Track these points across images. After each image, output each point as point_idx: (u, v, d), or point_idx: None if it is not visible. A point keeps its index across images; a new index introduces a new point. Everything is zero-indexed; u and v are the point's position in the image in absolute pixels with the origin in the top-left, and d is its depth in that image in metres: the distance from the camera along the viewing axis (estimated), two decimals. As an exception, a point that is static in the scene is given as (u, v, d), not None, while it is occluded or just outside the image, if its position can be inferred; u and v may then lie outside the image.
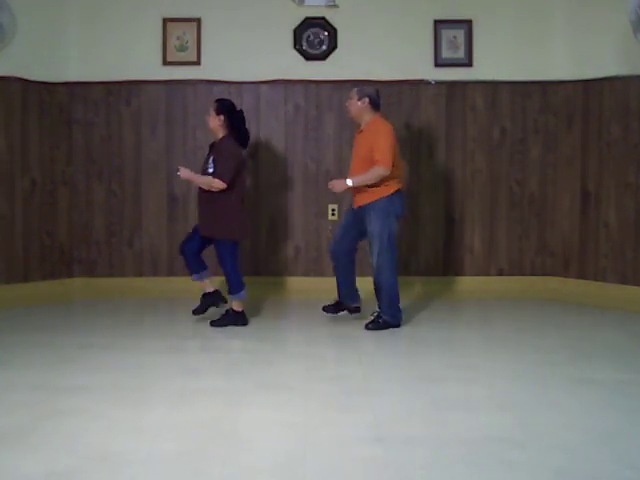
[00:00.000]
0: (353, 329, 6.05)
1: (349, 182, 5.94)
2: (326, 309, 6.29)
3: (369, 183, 5.90)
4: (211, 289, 6.19)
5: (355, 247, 6.16)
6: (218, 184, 5.92)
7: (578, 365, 5.05)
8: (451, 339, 5.79)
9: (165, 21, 7.28)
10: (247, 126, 6.20)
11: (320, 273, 7.38)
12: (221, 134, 6.08)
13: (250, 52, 7.29)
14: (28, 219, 7.05)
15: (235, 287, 6.08)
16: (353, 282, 6.20)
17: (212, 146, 6.17)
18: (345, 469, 3.35)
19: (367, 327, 6.00)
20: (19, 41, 6.88)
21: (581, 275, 7.20)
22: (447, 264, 7.43)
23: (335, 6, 7.29)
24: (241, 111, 6.18)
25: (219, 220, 6.01)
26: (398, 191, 5.99)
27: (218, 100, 6.20)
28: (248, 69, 7.29)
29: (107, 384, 4.59)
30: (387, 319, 6.00)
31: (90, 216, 7.37)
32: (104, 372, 4.86)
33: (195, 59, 7.30)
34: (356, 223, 6.06)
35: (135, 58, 7.30)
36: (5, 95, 6.88)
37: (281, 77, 7.31)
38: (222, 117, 6.04)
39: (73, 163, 7.33)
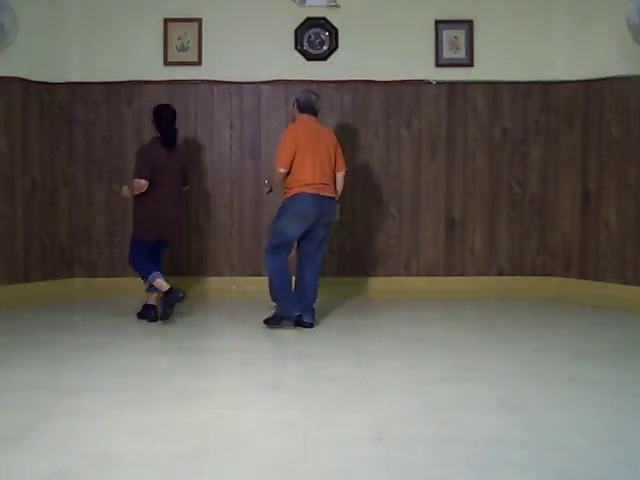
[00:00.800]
0: (353, 329, 6.05)
1: (265, 181, 6.28)
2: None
3: (273, 184, 6.13)
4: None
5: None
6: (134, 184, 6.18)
7: (579, 365, 5.04)
8: (451, 339, 5.78)
9: (166, 21, 7.28)
10: (176, 125, 6.35)
11: (321, 273, 7.35)
12: None
13: (251, 52, 7.30)
14: (29, 219, 7.05)
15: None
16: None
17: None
18: (345, 469, 3.35)
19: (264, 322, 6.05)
20: (20, 41, 6.88)
21: (581, 275, 7.20)
22: (448, 264, 7.43)
23: (336, 6, 7.29)
24: (168, 113, 6.25)
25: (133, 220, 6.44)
26: (300, 194, 5.91)
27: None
28: (249, 69, 7.30)
29: (107, 384, 4.59)
30: (277, 311, 6.07)
31: (91, 216, 7.37)
32: (104, 372, 4.85)
33: (196, 59, 7.30)
34: None
35: (136, 58, 7.31)
36: (6, 95, 6.89)
37: (282, 77, 7.32)
38: (154, 121, 6.28)
39: (74, 163, 7.33)
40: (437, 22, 7.30)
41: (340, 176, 6.06)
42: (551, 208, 7.37)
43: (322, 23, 7.31)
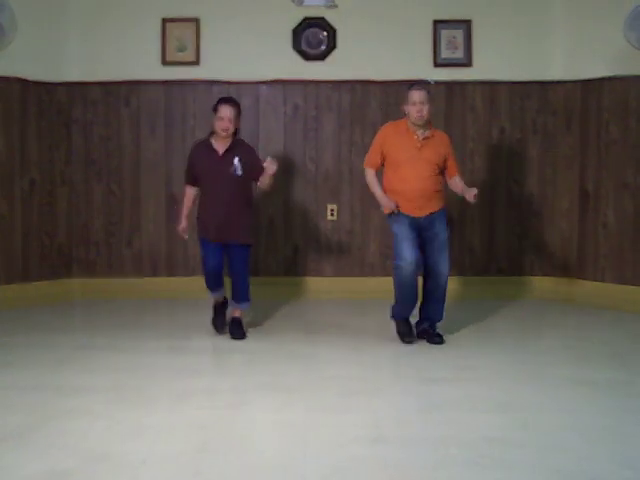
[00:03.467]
0: (353, 329, 6.05)
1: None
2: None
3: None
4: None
5: None
6: None
7: (577, 365, 5.05)
8: (450, 339, 5.78)
9: (164, 21, 7.28)
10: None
11: (319, 273, 7.39)
12: (234, 134, 5.77)
13: (249, 52, 7.29)
14: (27, 219, 7.05)
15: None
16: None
17: (232, 147, 5.71)
18: (345, 469, 3.35)
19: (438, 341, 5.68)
20: (18, 41, 6.87)
21: (580, 275, 7.21)
22: (446, 264, 7.42)
23: (334, 6, 7.29)
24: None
25: (248, 224, 5.87)
26: None
27: (234, 101, 5.81)
28: (247, 69, 7.29)
29: (107, 385, 4.59)
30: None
31: (89, 216, 7.37)
32: (103, 373, 4.85)
33: (194, 59, 7.30)
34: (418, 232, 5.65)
35: (134, 58, 7.30)
36: (4, 95, 6.88)
37: (280, 77, 7.31)
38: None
39: (72, 163, 7.33)
40: (435, 22, 7.30)
41: None
42: (549, 208, 7.38)
43: (320, 23, 7.31)
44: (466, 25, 7.30)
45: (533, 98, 7.36)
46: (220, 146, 5.70)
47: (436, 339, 5.67)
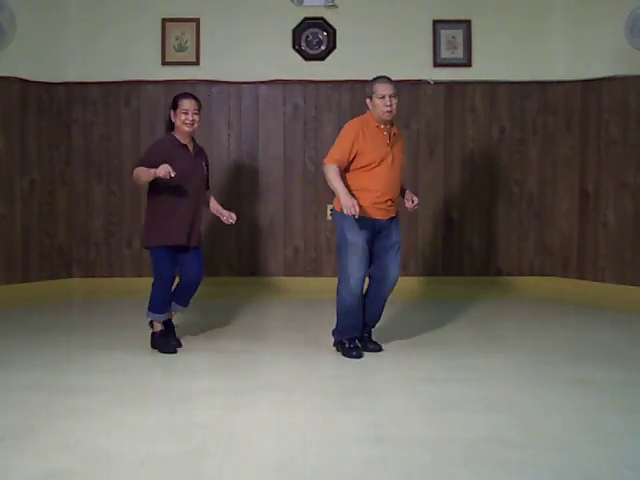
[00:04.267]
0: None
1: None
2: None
3: None
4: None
5: None
6: None
7: (577, 365, 5.05)
8: (450, 339, 5.79)
9: (164, 21, 7.28)
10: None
11: (319, 273, 7.39)
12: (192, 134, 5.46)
13: (249, 52, 7.30)
14: (27, 219, 7.05)
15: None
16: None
17: (199, 149, 5.47)
18: (344, 469, 3.35)
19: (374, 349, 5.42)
20: (18, 41, 6.87)
21: (580, 275, 7.21)
22: (446, 264, 7.43)
23: (334, 6, 7.29)
24: None
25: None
26: None
27: (194, 95, 5.48)
28: (247, 69, 7.30)
29: (106, 384, 4.59)
30: None
31: (89, 216, 7.37)
32: (103, 372, 4.85)
33: (194, 59, 7.30)
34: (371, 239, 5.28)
35: (134, 58, 7.30)
36: (4, 95, 6.88)
37: (280, 77, 7.32)
38: None
39: (72, 163, 7.33)
40: (435, 22, 7.30)
41: None
42: (549, 208, 7.38)
43: (320, 23, 7.31)
44: (466, 25, 7.30)
45: (533, 98, 7.36)
46: (189, 146, 5.40)
47: (373, 347, 5.39)
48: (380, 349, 5.39)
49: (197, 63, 7.31)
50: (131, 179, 5.42)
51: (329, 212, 7.32)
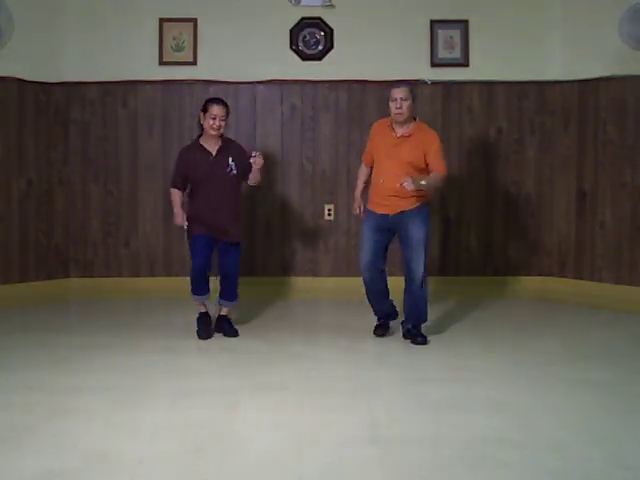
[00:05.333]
0: (350, 329, 6.06)
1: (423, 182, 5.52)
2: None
3: (431, 188, 5.71)
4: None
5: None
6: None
7: (574, 365, 5.06)
8: (447, 339, 5.79)
9: (161, 21, 7.27)
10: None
11: (316, 273, 7.39)
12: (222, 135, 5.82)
13: (246, 52, 7.29)
14: (24, 219, 7.04)
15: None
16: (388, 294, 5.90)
17: (224, 147, 5.77)
18: (342, 469, 3.36)
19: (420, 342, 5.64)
20: (16, 41, 6.86)
21: (577, 275, 7.21)
22: (443, 264, 7.43)
23: (331, 6, 7.29)
24: None
25: (241, 223, 5.94)
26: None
27: (224, 101, 5.87)
28: (244, 69, 7.29)
29: (104, 384, 4.59)
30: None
31: (86, 216, 7.37)
32: (101, 373, 4.85)
33: (191, 59, 7.30)
34: (388, 231, 5.68)
35: (131, 58, 7.30)
36: (1, 95, 6.87)
37: (277, 77, 7.31)
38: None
39: (69, 163, 7.33)
40: (432, 22, 7.30)
41: None
42: (546, 208, 7.38)
43: (317, 23, 7.31)
44: (463, 25, 7.30)
45: (530, 98, 7.36)
46: (212, 147, 5.77)
47: (419, 339, 5.61)
48: (424, 342, 5.62)
49: (194, 63, 7.30)
50: (129, 179, 5.60)
51: (326, 212, 7.36)
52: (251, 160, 5.67)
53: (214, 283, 5.89)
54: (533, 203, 7.41)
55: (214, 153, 5.75)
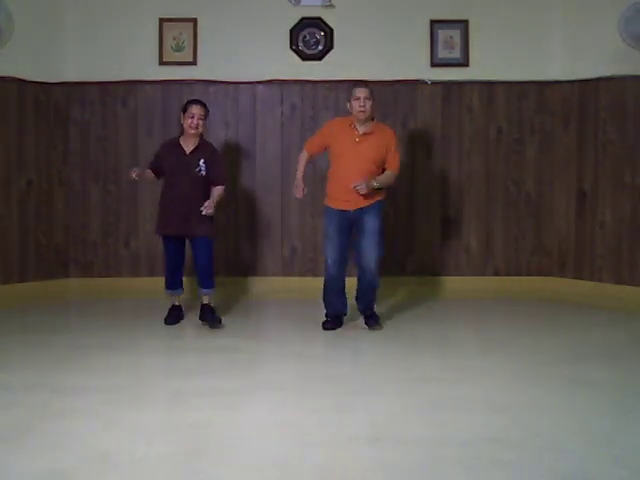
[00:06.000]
0: (350, 329, 6.06)
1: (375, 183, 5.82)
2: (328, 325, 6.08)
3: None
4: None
5: None
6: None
7: (574, 365, 5.05)
8: (447, 339, 5.79)
9: (161, 21, 7.28)
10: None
11: (316, 273, 7.37)
12: (200, 135, 6.10)
13: (246, 52, 7.30)
14: (24, 219, 7.04)
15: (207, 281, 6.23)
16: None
17: (198, 147, 6.03)
18: (341, 469, 3.36)
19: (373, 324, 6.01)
20: (16, 41, 6.87)
21: (577, 275, 7.21)
22: (443, 264, 7.44)
23: (331, 6, 7.29)
24: None
25: (209, 218, 6.05)
26: None
27: (203, 102, 6.14)
28: (244, 69, 7.30)
29: (104, 384, 4.58)
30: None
31: (86, 216, 7.37)
32: (101, 372, 4.85)
33: (191, 59, 7.30)
34: (349, 228, 5.95)
35: (131, 58, 7.30)
36: (1, 95, 6.88)
37: (277, 77, 7.31)
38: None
39: (69, 163, 7.33)
40: (432, 22, 7.30)
41: None
42: (547, 208, 7.38)
43: (317, 23, 7.31)
44: (463, 25, 7.30)
45: (530, 98, 7.36)
46: (187, 145, 6.06)
47: (371, 322, 6.00)
48: (376, 324, 5.99)
49: (194, 63, 7.31)
50: (128, 179, 5.64)
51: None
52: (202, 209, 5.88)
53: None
54: (533, 203, 7.41)
55: (188, 152, 6.04)
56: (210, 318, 6.11)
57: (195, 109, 6.00)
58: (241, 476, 3.29)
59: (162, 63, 7.30)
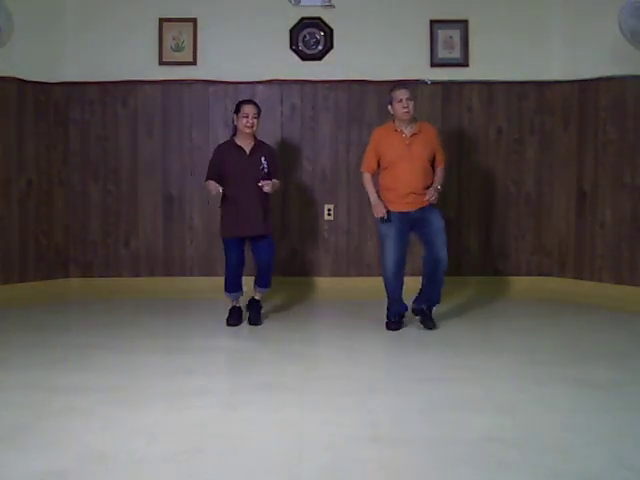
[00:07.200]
0: (350, 329, 6.06)
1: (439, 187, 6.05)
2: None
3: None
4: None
5: None
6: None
7: (574, 365, 5.05)
8: (447, 339, 5.79)
9: (161, 21, 7.28)
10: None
11: (317, 273, 7.39)
12: (254, 135, 6.17)
13: (246, 52, 7.29)
14: (24, 219, 7.04)
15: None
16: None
17: (257, 146, 6.12)
18: (342, 469, 3.35)
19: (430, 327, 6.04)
20: (15, 41, 6.85)
21: (577, 275, 7.21)
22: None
23: (331, 6, 7.29)
24: None
25: (270, 217, 6.22)
26: None
27: (254, 101, 6.24)
28: (244, 69, 7.29)
29: (104, 384, 4.59)
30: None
31: (86, 216, 7.37)
32: (100, 372, 4.85)
33: (191, 59, 7.30)
34: (409, 230, 6.02)
35: (131, 58, 7.30)
36: (1, 95, 6.88)
37: (277, 77, 7.31)
38: None
39: (69, 163, 7.33)
40: (432, 22, 7.30)
41: None
42: (546, 208, 7.38)
43: (317, 23, 7.31)
44: (463, 25, 7.30)
45: (530, 98, 7.36)
46: (246, 145, 6.10)
47: (429, 324, 6.02)
48: (434, 327, 6.03)
49: (194, 63, 7.31)
50: (129, 179, 5.65)
51: (326, 212, 7.36)
52: (261, 184, 5.97)
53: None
54: (533, 203, 7.41)
55: (248, 152, 6.07)
56: (256, 315, 6.24)
57: (248, 108, 6.05)
58: (241, 476, 3.29)
59: (162, 63, 7.30)
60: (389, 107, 5.98)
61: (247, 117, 6.03)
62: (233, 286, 6.21)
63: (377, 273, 7.37)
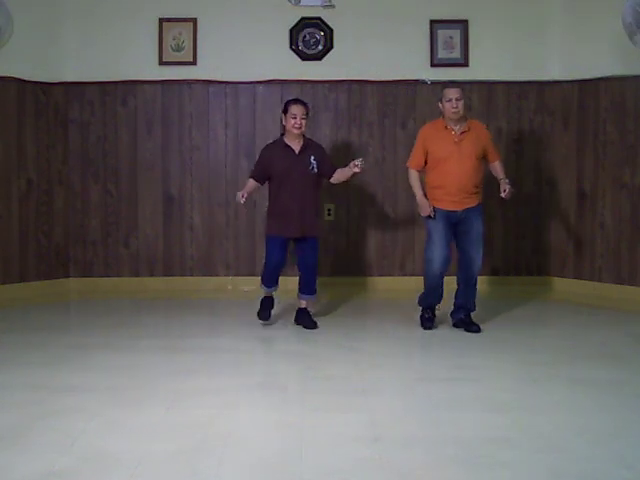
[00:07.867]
0: (350, 328, 6.06)
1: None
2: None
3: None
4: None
5: None
6: None
7: (574, 365, 5.05)
8: (447, 339, 5.78)
9: (161, 21, 7.28)
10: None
11: (317, 273, 7.36)
12: (303, 134, 6.04)
13: (246, 52, 7.30)
14: (24, 219, 7.05)
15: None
16: None
17: (306, 146, 5.97)
18: (341, 469, 3.35)
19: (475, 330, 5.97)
20: (15, 41, 6.87)
21: (577, 275, 7.22)
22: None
23: (331, 6, 7.29)
24: None
25: (320, 218, 6.19)
26: None
27: (303, 101, 6.06)
28: (244, 69, 7.30)
29: (104, 384, 4.58)
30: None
31: (86, 216, 7.37)
32: (100, 372, 4.85)
33: (191, 59, 7.30)
34: (453, 227, 5.94)
35: (131, 58, 7.30)
36: (1, 95, 6.88)
37: (277, 77, 7.32)
38: None
39: (69, 163, 7.33)
40: (432, 22, 7.31)
41: None
42: (546, 208, 7.39)
43: (317, 23, 7.31)
44: (463, 25, 7.31)
45: (530, 98, 7.36)
46: (295, 145, 5.99)
47: (474, 327, 5.94)
48: (479, 330, 5.95)
49: (194, 63, 7.31)
50: (128, 179, 5.64)
51: (326, 212, 7.35)
52: (353, 165, 5.82)
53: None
54: (533, 203, 7.41)
55: (297, 151, 5.97)
56: (309, 322, 6.09)
57: (296, 109, 5.92)
58: (241, 476, 3.29)
59: (162, 63, 7.31)
60: (439, 104, 5.90)
61: (295, 118, 5.89)
62: (270, 282, 6.13)
63: (377, 273, 7.38)
